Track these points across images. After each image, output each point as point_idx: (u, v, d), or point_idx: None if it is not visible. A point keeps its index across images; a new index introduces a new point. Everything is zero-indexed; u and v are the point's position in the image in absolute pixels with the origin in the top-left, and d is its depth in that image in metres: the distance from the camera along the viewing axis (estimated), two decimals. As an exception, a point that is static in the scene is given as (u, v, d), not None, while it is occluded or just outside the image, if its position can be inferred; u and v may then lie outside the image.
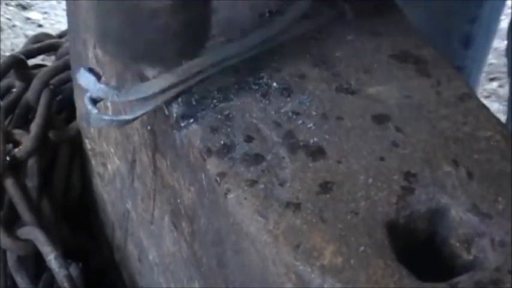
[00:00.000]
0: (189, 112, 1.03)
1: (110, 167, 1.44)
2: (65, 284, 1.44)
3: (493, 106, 2.39)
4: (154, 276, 1.34)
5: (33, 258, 1.53)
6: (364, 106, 1.03)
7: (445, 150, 0.98)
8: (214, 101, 1.03)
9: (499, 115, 1.17)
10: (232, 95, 1.04)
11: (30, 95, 1.63)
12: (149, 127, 1.15)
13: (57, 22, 2.62)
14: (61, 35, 1.88)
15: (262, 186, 0.94)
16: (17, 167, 1.55)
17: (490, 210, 0.92)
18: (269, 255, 0.90)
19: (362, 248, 0.88)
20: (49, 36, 1.88)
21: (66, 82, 1.67)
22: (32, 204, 1.53)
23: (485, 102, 1.07)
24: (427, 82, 1.07)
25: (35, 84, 1.63)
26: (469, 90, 1.06)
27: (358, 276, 0.86)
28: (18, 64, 1.66)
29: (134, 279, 1.48)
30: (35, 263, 1.53)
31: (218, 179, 0.96)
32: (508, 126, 1.71)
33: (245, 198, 0.94)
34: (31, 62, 1.73)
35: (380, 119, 1.02)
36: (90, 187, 1.63)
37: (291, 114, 1.02)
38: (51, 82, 1.65)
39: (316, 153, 0.98)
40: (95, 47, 1.30)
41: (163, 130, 1.10)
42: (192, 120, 1.02)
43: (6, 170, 1.53)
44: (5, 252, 1.54)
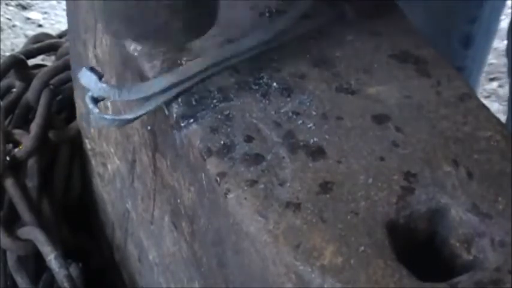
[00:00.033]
0: (189, 112, 1.03)
1: (110, 167, 1.44)
2: (65, 284, 1.44)
3: (493, 106, 2.39)
4: (154, 276, 1.34)
5: (33, 258, 1.53)
6: (364, 106, 1.03)
7: (445, 150, 0.98)
8: (214, 101, 1.03)
9: (499, 115, 1.17)
10: (232, 95, 1.04)
11: (30, 95, 1.63)
12: (149, 127, 1.15)
13: (57, 22, 2.62)
14: (61, 35, 1.88)
15: (262, 186, 0.94)
16: (17, 167, 1.55)
17: (490, 210, 0.92)
18: (269, 255, 0.90)
19: (362, 248, 0.88)
20: (49, 36, 1.88)
21: (66, 82, 1.67)
22: (32, 204, 1.53)
23: (485, 102, 1.07)
24: (427, 82, 1.07)
25: (35, 84, 1.63)
26: (469, 90, 1.06)
27: (358, 276, 0.86)
28: (18, 64, 1.66)
29: (134, 279, 1.48)
30: (35, 263, 1.53)
31: (218, 179, 0.96)
32: (508, 126, 1.71)
33: (245, 198, 0.94)
34: (31, 62, 1.73)
35: (380, 119, 1.02)
36: (90, 187, 1.63)
37: (291, 114, 1.02)
38: (51, 82, 1.65)
39: (316, 153, 0.98)
40: (95, 46, 1.30)
41: (163, 130, 1.10)
42: (192, 120, 1.02)
43: (6, 170, 1.53)
44: (5, 252, 1.54)
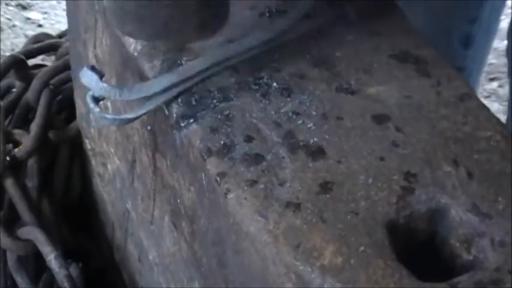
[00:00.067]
0: (189, 112, 1.03)
1: (110, 167, 1.44)
2: (65, 284, 1.44)
3: (493, 106, 2.39)
4: (154, 276, 1.34)
5: (33, 258, 1.53)
6: (364, 106, 1.03)
7: (445, 150, 0.98)
8: (214, 101, 1.03)
9: (499, 115, 1.17)
10: (232, 95, 1.04)
11: (30, 95, 1.63)
12: (149, 127, 1.15)
13: (57, 22, 2.62)
14: (61, 35, 1.88)
15: (262, 186, 0.94)
16: (17, 167, 1.55)
17: (490, 210, 0.92)
18: (269, 255, 0.90)
19: (362, 248, 0.88)
20: (49, 36, 1.88)
21: (66, 82, 1.67)
22: (32, 204, 1.53)
23: (485, 102, 1.07)
24: (427, 82, 1.07)
25: (35, 84, 1.63)
26: (469, 90, 1.06)
27: (358, 276, 0.86)
28: (18, 64, 1.66)
29: (134, 279, 1.48)
30: (35, 263, 1.53)
31: (218, 179, 0.96)
32: (508, 126, 1.71)
33: (245, 198, 0.94)
34: (31, 62, 1.73)
35: (380, 119, 1.02)
36: (90, 187, 1.63)
37: (291, 114, 1.02)
38: (51, 82, 1.65)
39: (316, 153, 0.98)
40: (95, 46, 1.30)
41: (163, 130, 1.10)
42: (192, 120, 1.02)
43: (6, 170, 1.53)
44: (5, 252, 1.53)
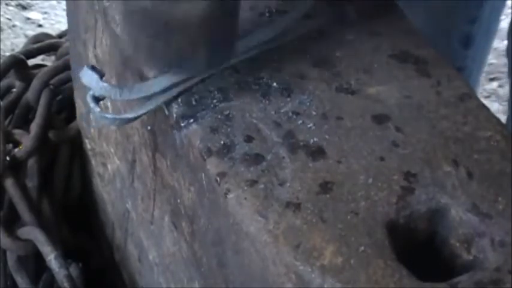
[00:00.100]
0: (189, 112, 1.03)
1: (110, 167, 1.44)
2: (65, 284, 1.44)
3: (493, 106, 2.39)
4: (154, 276, 1.34)
5: (33, 258, 1.53)
6: (364, 106, 1.03)
7: (445, 150, 0.98)
8: (214, 101, 1.03)
9: (499, 115, 1.17)
10: (232, 95, 1.04)
11: (30, 95, 1.63)
12: (149, 127, 1.15)
13: (57, 22, 2.62)
14: (61, 35, 1.88)
15: (262, 186, 0.94)
16: (17, 167, 1.55)
17: (490, 210, 0.92)
18: (269, 255, 0.90)
19: (362, 248, 0.88)
20: (49, 36, 1.88)
21: (66, 82, 1.67)
22: (32, 204, 1.53)
23: (485, 102, 1.07)
24: (427, 82, 1.06)
25: (35, 84, 1.63)
26: (469, 90, 1.06)
27: (358, 276, 0.86)
28: (18, 64, 1.66)
29: (134, 279, 1.48)
30: (35, 263, 1.53)
31: (218, 179, 0.96)
32: (508, 126, 1.71)
33: (245, 198, 0.94)
34: (31, 62, 1.73)
35: (380, 119, 1.02)
36: (90, 187, 1.63)
37: (291, 114, 1.02)
38: (51, 82, 1.65)
39: (316, 153, 0.98)
40: (95, 46, 1.30)
41: (163, 130, 1.10)
42: (192, 120, 1.02)
43: (6, 170, 1.53)
44: (5, 252, 1.53)
